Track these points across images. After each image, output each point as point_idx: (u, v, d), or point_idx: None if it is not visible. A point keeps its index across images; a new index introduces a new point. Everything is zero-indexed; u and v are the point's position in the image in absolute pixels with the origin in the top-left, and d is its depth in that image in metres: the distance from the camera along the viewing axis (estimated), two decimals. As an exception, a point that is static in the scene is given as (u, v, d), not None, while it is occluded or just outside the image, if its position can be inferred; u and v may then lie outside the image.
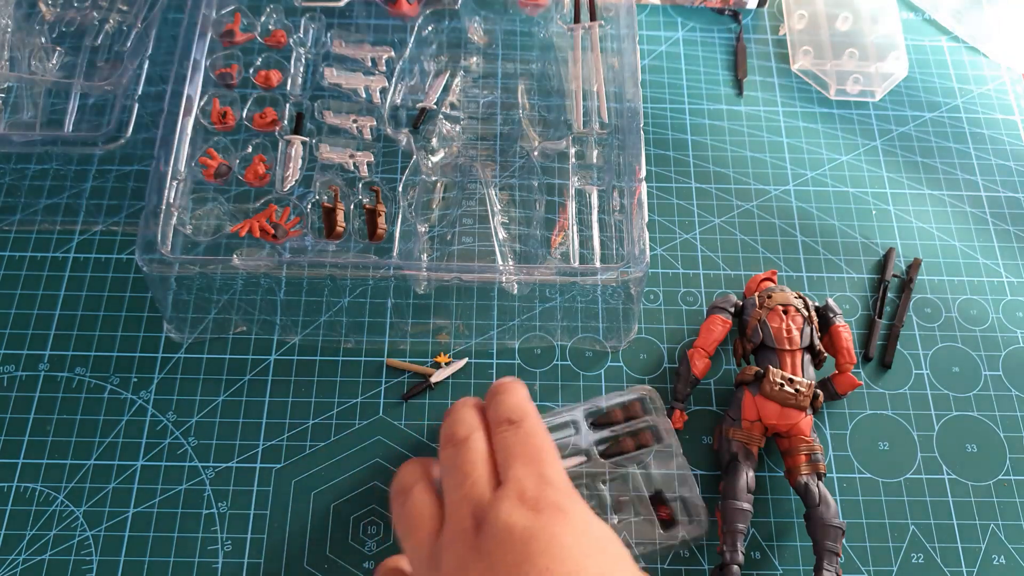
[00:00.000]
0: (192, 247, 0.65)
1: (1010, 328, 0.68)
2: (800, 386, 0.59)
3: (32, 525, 0.59)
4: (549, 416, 0.61)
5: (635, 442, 0.61)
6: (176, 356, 0.65)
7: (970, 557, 0.60)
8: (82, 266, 0.68)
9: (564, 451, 0.60)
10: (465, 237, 0.68)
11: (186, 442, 0.62)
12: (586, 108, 0.71)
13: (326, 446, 0.62)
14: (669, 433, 0.61)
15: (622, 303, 0.65)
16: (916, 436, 0.64)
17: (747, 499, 0.58)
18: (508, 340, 0.66)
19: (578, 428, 0.61)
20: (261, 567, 0.58)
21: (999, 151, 0.77)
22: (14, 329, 0.65)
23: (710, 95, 0.79)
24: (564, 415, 0.62)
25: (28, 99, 0.72)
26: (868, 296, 0.69)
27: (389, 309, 0.66)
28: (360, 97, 0.72)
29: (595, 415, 0.62)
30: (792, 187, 0.74)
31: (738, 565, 0.56)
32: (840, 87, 0.79)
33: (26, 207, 0.70)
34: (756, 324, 0.62)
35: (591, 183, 0.69)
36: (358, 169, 0.68)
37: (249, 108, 0.71)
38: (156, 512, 0.59)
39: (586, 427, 0.61)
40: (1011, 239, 0.72)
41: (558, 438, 0.61)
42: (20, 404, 0.63)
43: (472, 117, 0.73)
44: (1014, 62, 0.82)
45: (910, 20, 0.84)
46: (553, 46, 0.76)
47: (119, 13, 0.76)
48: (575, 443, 0.61)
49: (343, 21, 0.77)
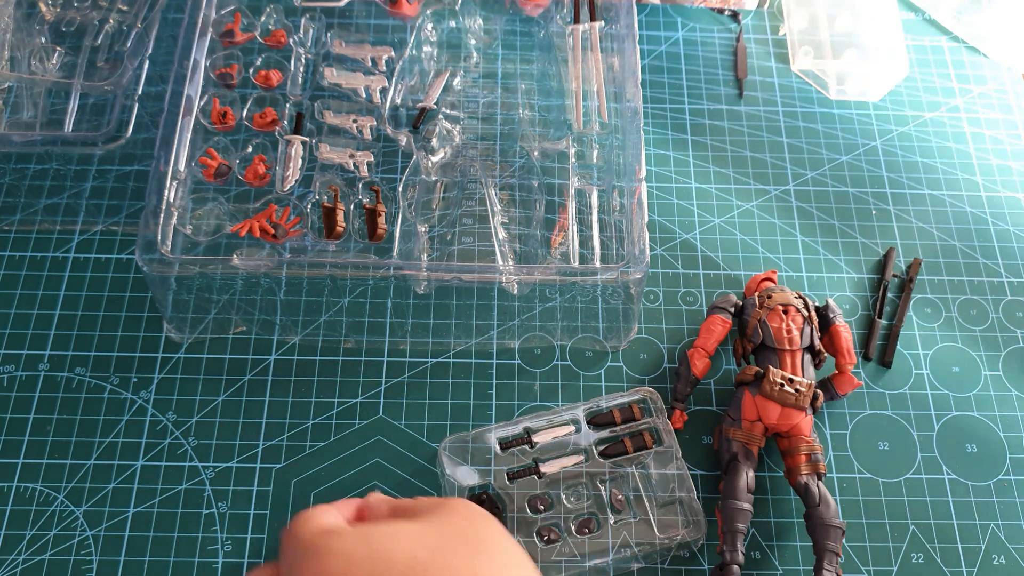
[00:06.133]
0: (192, 247, 0.65)
1: (1010, 328, 0.68)
2: (800, 386, 0.59)
3: (32, 525, 0.59)
4: (549, 415, 0.62)
5: (634, 443, 0.61)
6: (176, 356, 0.65)
7: (970, 557, 0.60)
8: (82, 266, 0.68)
9: (564, 450, 0.61)
10: (465, 237, 0.68)
11: (186, 442, 0.62)
12: (586, 108, 0.71)
13: (326, 446, 0.62)
14: (669, 435, 0.61)
15: (622, 303, 0.65)
16: (916, 436, 0.64)
17: (747, 499, 0.58)
18: (508, 340, 0.66)
19: (578, 427, 0.61)
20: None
21: (999, 151, 0.77)
22: (14, 329, 0.65)
23: (710, 95, 0.79)
24: (564, 414, 0.62)
25: (28, 99, 0.72)
26: (868, 296, 0.69)
27: (389, 309, 0.66)
28: (360, 97, 0.72)
29: (595, 415, 0.62)
30: (792, 187, 0.74)
31: (738, 565, 0.56)
32: (840, 87, 0.79)
33: (26, 207, 0.70)
34: (756, 324, 0.62)
35: (591, 183, 0.69)
36: (358, 169, 0.68)
37: (249, 108, 0.71)
38: (156, 512, 0.59)
39: (586, 427, 0.61)
40: (1010, 239, 0.72)
41: (558, 437, 0.61)
42: (20, 404, 0.63)
43: (472, 117, 0.73)
44: (1014, 62, 0.82)
45: (910, 20, 0.84)
46: (553, 46, 0.76)
47: (119, 13, 0.76)
48: (575, 442, 0.61)
49: (343, 21, 0.77)
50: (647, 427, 0.62)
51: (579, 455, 0.60)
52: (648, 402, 0.63)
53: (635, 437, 0.61)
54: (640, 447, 0.61)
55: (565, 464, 0.60)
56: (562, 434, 0.61)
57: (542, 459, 0.60)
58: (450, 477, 0.59)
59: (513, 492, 0.59)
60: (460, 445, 0.60)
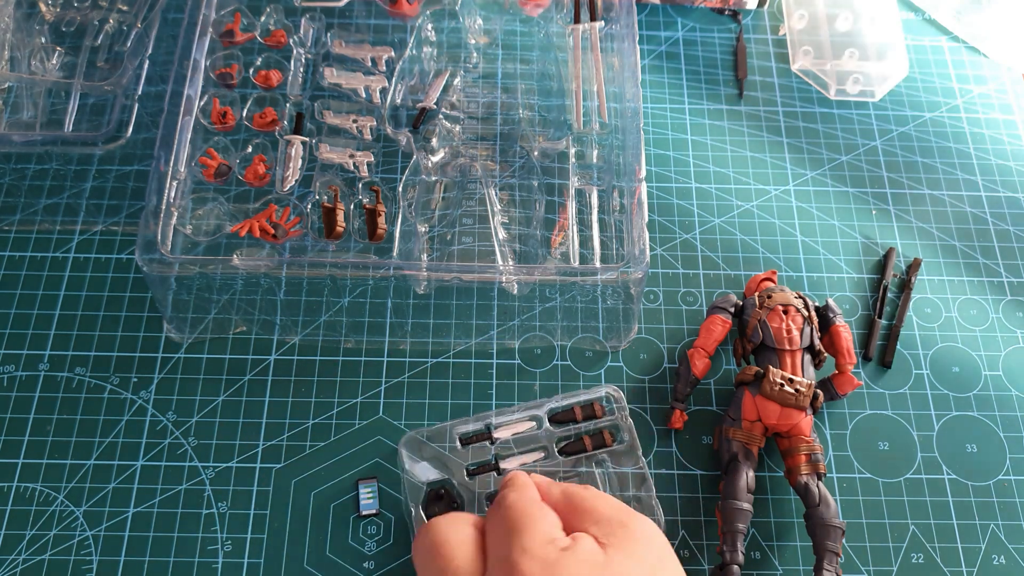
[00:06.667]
0: (192, 247, 0.65)
1: (1010, 328, 0.68)
2: (800, 386, 0.59)
3: (32, 525, 0.59)
4: (509, 413, 0.61)
5: (594, 441, 0.61)
6: (176, 356, 0.65)
7: (970, 557, 0.60)
8: (82, 266, 0.68)
9: (524, 447, 0.61)
10: (465, 237, 0.68)
11: (186, 442, 0.62)
12: (586, 108, 0.71)
13: (326, 446, 0.62)
14: (630, 433, 0.61)
15: (622, 303, 0.65)
16: (916, 436, 0.64)
17: (747, 499, 0.58)
18: (508, 340, 0.66)
19: (540, 424, 0.61)
20: (261, 567, 0.58)
21: (999, 151, 0.77)
22: (14, 329, 0.65)
23: (710, 95, 0.79)
24: (525, 411, 0.62)
25: (28, 99, 0.72)
26: (868, 296, 0.69)
27: (389, 309, 0.66)
28: (360, 97, 0.72)
29: (556, 412, 0.62)
30: (792, 187, 0.74)
31: (738, 565, 0.56)
32: (840, 87, 0.79)
33: (26, 207, 0.70)
34: (756, 324, 0.62)
35: (591, 183, 0.69)
36: (358, 169, 0.68)
37: (249, 108, 0.71)
38: (156, 512, 0.59)
39: (547, 424, 0.61)
40: (1011, 239, 0.72)
41: (519, 433, 0.61)
42: (20, 404, 0.63)
43: (472, 117, 0.73)
44: (1014, 62, 0.82)
45: (910, 20, 0.84)
46: (553, 46, 0.76)
47: (119, 13, 0.76)
48: (536, 439, 0.61)
49: (343, 21, 0.77)
50: (608, 425, 0.62)
51: (540, 452, 0.61)
52: (611, 400, 0.63)
53: (595, 436, 0.61)
54: (600, 445, 0.61)
55: (525, 461, 0.60)
56: (523, 430, 0.61)
57: (502, 455, 0.60)
58: (409, 472, 0.59)
59: (473, 488, 0.59)
60: (420, 440, 0.60)
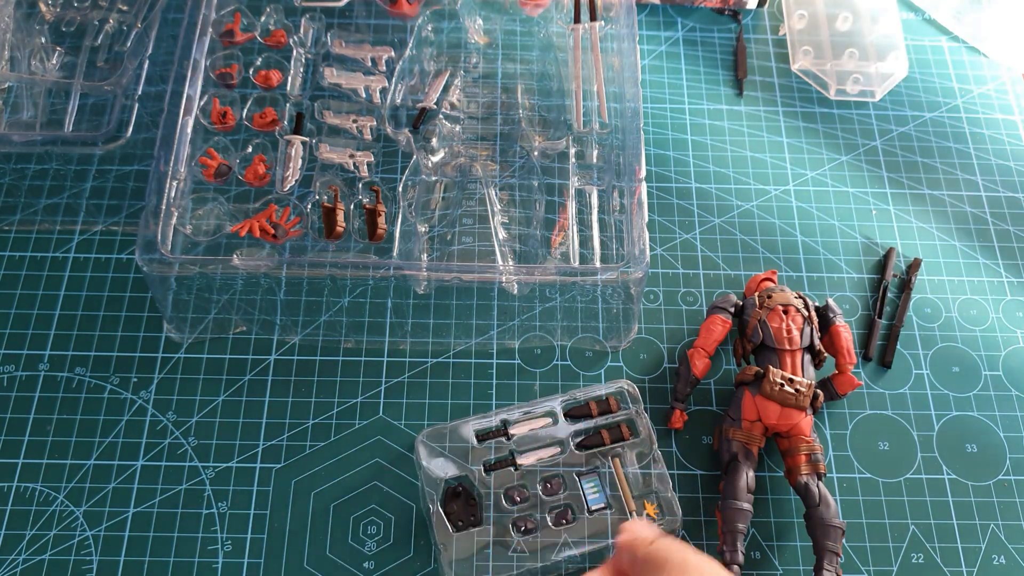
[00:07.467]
0: (192, 247, 0.65)
1: (1010, 328, 0.68)
2: (800, 386, 0.59)
3: (32, 525, 0.59)
4: (526, 407, 0.62)
5: (611, 435, 0.61)
6: (176, 356, 0.65)
7: (970, 557, 0.60)
8: (82, 266, 0.68)
9: (541, 442, 0.61)
10: (465, 237, 0.68)
11: (186, 442, 0.62)
12: (586, 108, 0.71)
13: (326, 446, 0.62)
14: (645, 427, 0.61)
15: (622, 303, 0.65)
16: (916, 436, 0.64)
17: (747, 499, 0.58)
18: (508, 340, 0.66)
19: (555, 419, 0.61)
20: (261, 567, 0.58)
21: (999, 151, 0.77)
22: (14, 329, 0.65)
23: (710, 95, 0.79)
24: (541, 406, 0.62)
25: (28, 99, 0.72)
26: (868, 296, 0.69)
27: (389, 309, 0.66)
28: (360, 97, 0.72)
29: (571, 407, 0.62)
30: (792, 187, 0.74)
31: (738, 565, 0.56)
32: (840, 87, 0.79)
33: (26, 207, 0.70)
34: (756, 324, 0.62)
35: (591, 183, 0.69)
36: (358, 169, 0.68)
37: (249, 108, 0.71)
38: (156, 512, 0.59)
39: (563, 419, 0.61)
40: (1011, 239, 0.72)
41: (535, 429, 0.61)
42: (20, 404, 0.63)
43: (472, 117, 0.73)
44: (1014, 62, 0.82)
45: (910, 20, 0.84)
46: (553, 46, 0.76)
47: (119, 13, 0.76)
48: (551, 434, 0.61)
49: (343, 21, 0.77)
50: (624, 419, 0.62)
51: (556, 447, 0.61)
52: (626, 395, 0.63)
53: (612, 429, 0.61)
54: (617, 439, 0.61)
55: (542, 456, 0.60)
56: (539, 426, 0.61)
57: (519, 451, 0.60)
58: (427, 468, 0.59)
59: (490, 483, 0.59)
60: (438, 436, 0.60)
